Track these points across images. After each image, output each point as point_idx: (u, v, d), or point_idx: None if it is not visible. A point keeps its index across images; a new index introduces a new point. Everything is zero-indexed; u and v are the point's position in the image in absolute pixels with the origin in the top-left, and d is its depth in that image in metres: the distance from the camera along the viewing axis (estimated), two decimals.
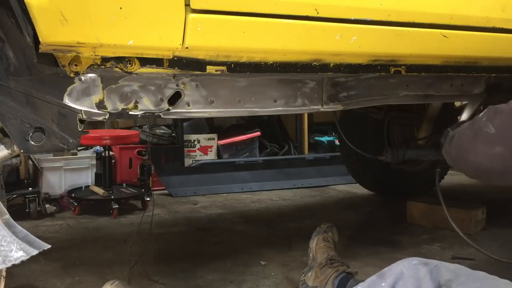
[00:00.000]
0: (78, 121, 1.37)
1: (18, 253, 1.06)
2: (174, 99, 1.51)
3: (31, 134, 1.30)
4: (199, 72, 1.35)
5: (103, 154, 3.30)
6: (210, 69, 1.35)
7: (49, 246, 1.11)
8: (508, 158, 1.26)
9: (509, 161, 1.26)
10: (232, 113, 1.66)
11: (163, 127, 4.25)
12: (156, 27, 1.13)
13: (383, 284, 1.23)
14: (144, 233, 2.56)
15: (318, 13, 1.26)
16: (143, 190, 3.31)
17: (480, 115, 1.42)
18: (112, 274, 2.05)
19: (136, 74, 1.33)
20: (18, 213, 2.91)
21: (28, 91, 1.29)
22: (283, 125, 4.84)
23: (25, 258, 1.06)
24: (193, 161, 4.05)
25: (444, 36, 1.49)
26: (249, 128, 4.49)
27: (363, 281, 1.65)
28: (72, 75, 1.23)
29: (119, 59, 1.25)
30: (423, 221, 2.80)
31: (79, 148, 3.36)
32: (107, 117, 1.41)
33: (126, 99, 1.44)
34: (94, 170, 3.49)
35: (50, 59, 1.19)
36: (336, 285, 1.72)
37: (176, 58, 1.30)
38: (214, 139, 4.22)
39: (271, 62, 1.43)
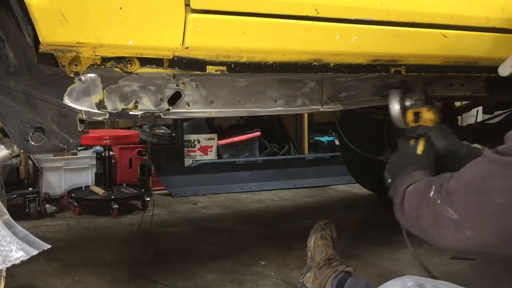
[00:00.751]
0: (78, 121, 1.37)
1: (18, 253, 1.06)
2: (174, 99, 1.51)
3: (31, 134, 1.30)
4: (199, 72, 1.35)
5: (103, 154, 3.30)
6: (210, 69, 1.35)
7: (49, 246, 1.11)
8: (483, 240, 1.11)
9: (487, 241, 1.10)
10: (232, 113, 1.66)
11: (163, 127, 4.25)
12: (156, 27, 1.13)
13: None
14: (144, 233, 2.56)
15: (318, 13, 1.26)
16: (143, 190, 3.31)
17: (431, 191, 1.20)
18: (112, 274, 2.05)
19: (136, 74, 1.33)
20: (18, 213, 2.90)
21: (28, 91, 1.29)
22: (283, 125, 4.84)
23: (25, 258, 1.06)
24: (193, 161, 4.05)
25: (444, 36, 1.48)
26: (249, 128, 4.49)
27: (361, 280, 1.65)
28: (72, 75, 1.23)
29: (119, 59, 1.25)
30: None
31: (79, 148, 3.35)
32: (107, 117, 1.41)
33: (126, 99, 1.44)
34: (94, 170, 3.49)
35: (50, 59, 1.19)
36: (335, 286, 1.71)
37: (176, 58, 1.30)
38: (214, 139, 4.22)
39: (271, 62, 1.43)
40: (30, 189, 3.06)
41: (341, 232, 2.70)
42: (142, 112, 1.47)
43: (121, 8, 1.07)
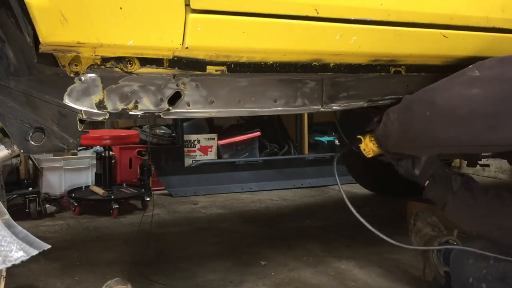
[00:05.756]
0: (78, 121, 1.37)
1: (18, 253, 1.06)
2: (174, 99, 1.51)
3: (31, 134, 1.30)
4: (199, 72, 1.35)
5: (103, 154, 3.30)
6: (210, 69, 1.35)
7: (49, 246, 1.11)
8: (479, 102, 1.25)
9: (478, 105, 1.24)
10: (232, 113, 1.66)
11: (163, 127, 4.25)
12: (156, 27, 1.13)
13: None
14: (144, 233, 2.56)
15: (318, 13, 1.26)
16: (143, 190, 3.31)
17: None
18: (112, 274, 2.05)
19: (136, 74, 1.33)
20: (18, 213, 2.91)
21: (28, 91, 1.29)
22: (283, 125, 4.84)
23: (25, 258, 1.06)
24: (193, 161, 4.05)
25: (444, 36, 1.48)
26: (249, 128, 4.49)
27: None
28: (72, 75, 1.23)
29: (119, 59, 1.25)
30: None
31: (79, 148, 3.36)
32: (107, 117, 1.41)
33: (126, 99, 1.43)
34: (94, 170, 3.49)
35: (50, 59, 1.19)
36: (442, 259, 1.79)
37: (176, 58, 1.30)
38: (214, 139, 4.22)
39: (271, 62, 1.43)
40: (30, 189, 3.06)
41: (341, 232, 2.71)
42: (142, 112, 1.47)
43: (121, 8, 1.07)
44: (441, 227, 2.00)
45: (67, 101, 1.34)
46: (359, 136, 1.82)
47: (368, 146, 1.78)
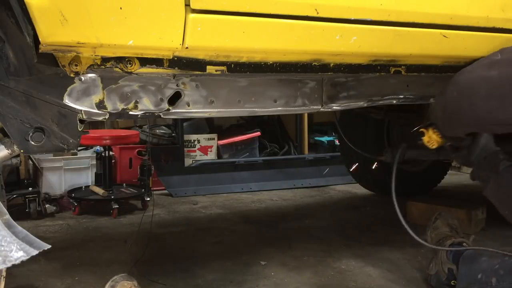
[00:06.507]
0: (78, 121, 1.37)
1: (18, 253, 1.06)
2: (174, 99, 1.51)
3: (31, 134, 1.30)
4: (199, 72, 1.35)
5: (103, 154, 3.30)
6: (210, 69, 1.35)
7: (49, 246, 1.11)
8: (497, 82, 1.34)
9: (494, 86, 1.34)
10: (232, 113, 1.66)
11: (163, 127, 4.25)
12: (156, 27, 1.13)
13: None
14: (144, 233, 2.56)
15: (318, 13, 1.26)
16: (143, 190, 3.31)
17: None
18: (112, 274, 2.05)
19: (136, 74, 1.33)
20: (18, 213, 2.91)
21: (28, 91, 1.29)
22: (283, 125, 4.84)
23: (25, 258, 1.06)
24: (193, 161, 4.05)
25: (444, 36, 1.49)
26: (249, 128, 4.49)
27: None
28: (72, 75, 1.23)
29: (119, 59, 1.25)
30: (423, 221, 2.79)
31: (79, 148, 3.36)
32: (107, 117, 1.41)
33: (126, 99, 1.44)
34: (94, 170, 3.49)
35: (50, 59, 1.19)
36: (452, 258, 1.82)
37: (176, 58, 1.30)
38: (214, 139, 4.22)
39: (271, 62, 1.43)
40: (30, 189, 3.05)
41: (341, 232, 2.71)
42: (142, 112, 1.47)
43: (121, 8, 1.07)
44: (460, 230, 2.03)
45: (67, 101, 1.35)
46: (422, 130, 1.83)
47: (432, 138, 1.80)
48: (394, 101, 1.97)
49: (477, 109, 1.42)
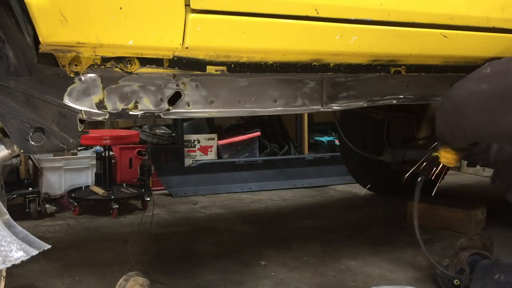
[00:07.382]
0: (78, 121, 1.37)
1: (18, 253, 1.06)
2: (174, 99, 1.51)
3: (31, 134, 1.30)
4: (199, 72, 1.35)
5: (103, 154, 3.30)
6: (210, 69, 1.35)
7: (49, 246, 1.11)
8: (487, 96, 1.38)
9: (485, 101, 1.38)
10: (232, 113, 1.66)
11: (163, 127, 4.25)
12: (156, 27, 1.13)
13: None
14: (144, 233, 2.56)
15: (318, 13, 1.26)
16: (143, 190, 3.31)
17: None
18: (112, 274, 2.05)
19: (136, 74, 1.33)
20: (18, 213, 2.91)
21: (28, 91, 1.29)
22: (283, 125, 4.84)
23: (25, 258, 1.06)
24: (193, 161, 4.05)
25: (444, 36, 1.49)
26: (249, 128, 4.49)
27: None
28: (72, 75, 1.23)
29: (119, 59, 1.25)
30: (423, 221, 2.79)
31: (79, 148, 3.36)
32: (107, 117, 1.41)
33: (126, 99, 1.44)
34: (94, 170, 3.49)
35: (50, 59, 1.19)
36: (469, 262, 1.86)
37: (176, 58, 1.30)
38: (214, 139, 4.22)
39: (271, 62, 1.43)
40: (30, 189, 3.05)
41: (341, 232, 2.71)
42: (142, 112, 1.47)
43: (121, 8, 1.07)
44: (492, 251, 2.07)
45: (67, 101, 1.35)
46: (434, 154, 1.82)
47: (447, 157, 1.77)
48: (394, 101, 1.97)
49: (472, 123, 1.45)
